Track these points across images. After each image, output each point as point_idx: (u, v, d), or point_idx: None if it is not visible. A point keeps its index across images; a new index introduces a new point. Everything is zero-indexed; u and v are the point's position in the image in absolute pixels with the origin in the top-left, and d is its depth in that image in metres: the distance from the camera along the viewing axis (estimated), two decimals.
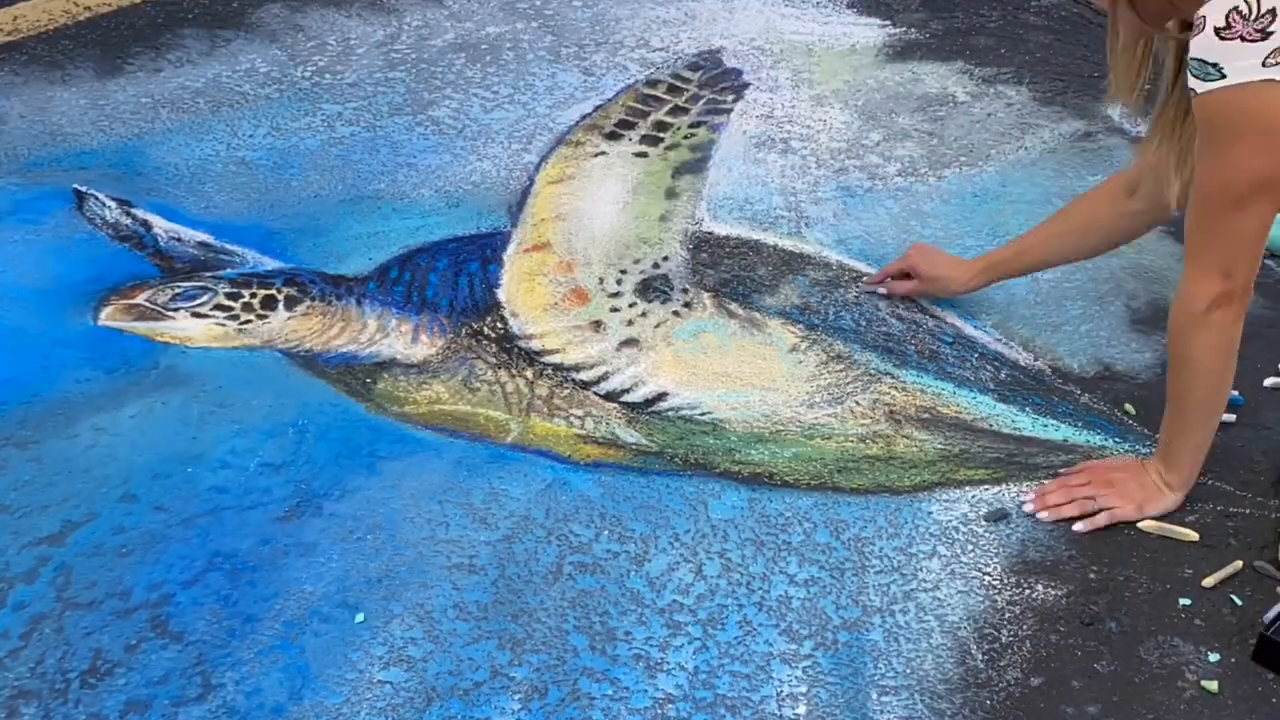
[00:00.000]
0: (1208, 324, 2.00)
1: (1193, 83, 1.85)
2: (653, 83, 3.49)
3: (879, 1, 3.90)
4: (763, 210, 2.98)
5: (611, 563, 2.11)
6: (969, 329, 2.60)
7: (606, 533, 2.16)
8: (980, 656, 1.95)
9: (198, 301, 2.65)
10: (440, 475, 2.27)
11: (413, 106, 3.39)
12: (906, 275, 2.68)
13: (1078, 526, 2.15)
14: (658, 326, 2.62)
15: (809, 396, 2.45)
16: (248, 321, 2.62)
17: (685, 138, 3.25)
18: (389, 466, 2.29)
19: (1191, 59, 1.83)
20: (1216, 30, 1.80)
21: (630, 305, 2.67)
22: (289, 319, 2.63)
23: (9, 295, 2.68)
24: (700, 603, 2.03)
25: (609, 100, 3.41)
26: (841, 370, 2.51)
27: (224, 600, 2.03)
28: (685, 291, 2.71)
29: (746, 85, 3.50)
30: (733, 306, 2.66)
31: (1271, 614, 1.96)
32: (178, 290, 2.68)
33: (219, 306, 2.65)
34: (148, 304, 2.64)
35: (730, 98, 3.44)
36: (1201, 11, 1.81)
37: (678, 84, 3.49)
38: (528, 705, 1.88)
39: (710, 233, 2.90)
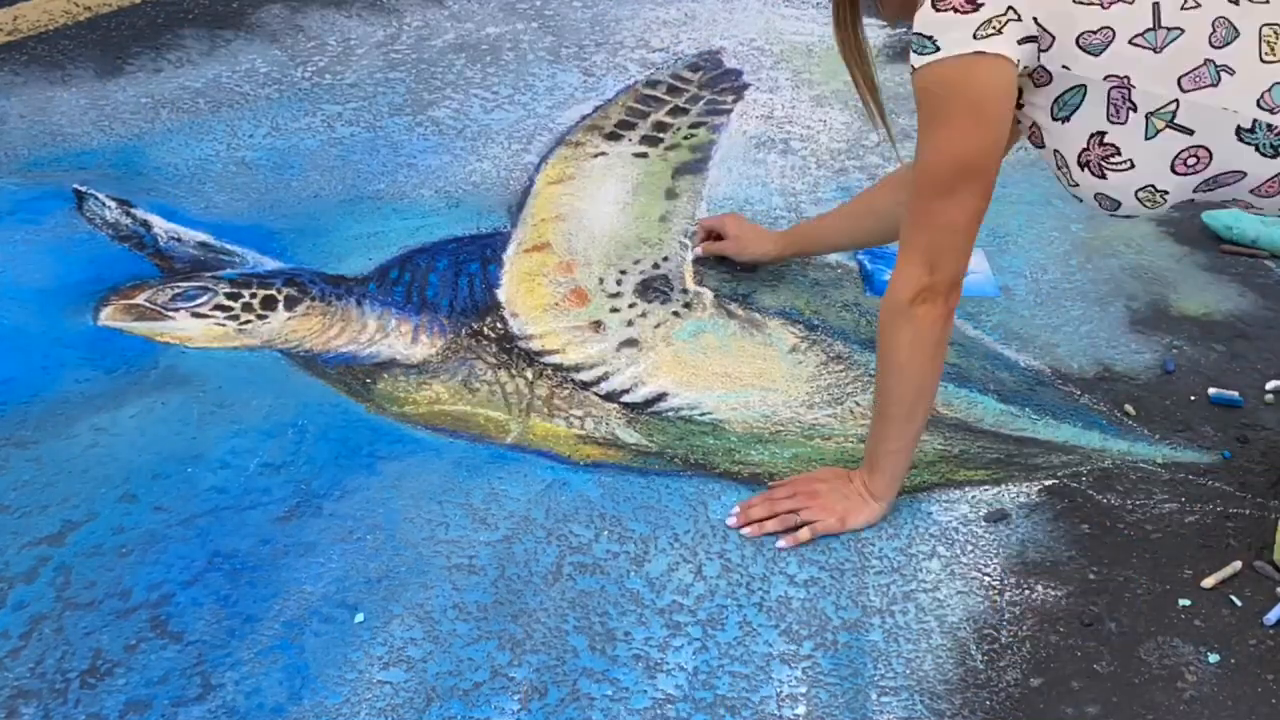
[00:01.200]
0: (910, 317, 1.97)
1: (912, 58, 1.85)
2: (653, 83, 3.50)
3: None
4: (763, 210, 2.98)
5: (611, 563, 2.11)
6: (969, 329, 2.60)
7: (606, 533, 2.16)
8: (980, 657, 1.95)
9: (198, 302, 2.65)
10: (440, 475, 2.27)
11: (413, 107, 3.39)
12: (719, 237, 2.75)
13: (780, 543, 2.11)
14: (657, 327, 2.62)
15: (809, 397, 2.45)
16: (248, 322, 2.62)
17: (685, 138, 3.25)
18: (389, 467, 2.29)
19: (912, 34, 1.83)
20: (933, 3, 1.80)
21: (630, 305, 2.67)
22: (289, 319, 2.63)
23: (9, 295, 2.68)
24: (700, 603, 2.03)
25: (609, 101, 3.42)
26: (841, 370, 2.51)
27: (224, 600, 2.03)
28: (685, 292, 2.71)
29: (746, 86, 3.50)
30: (733, 306, 2.67)
31: (1272, 615, 1.97)
32: (178, 290, 2.68)
33: (219, 307, 2.65)
34: (148, 304, 2.64)
35: (730, 98, 3.44)
36: None
37: (678, 84, 3.49)
38: (527, 705, 1.88)
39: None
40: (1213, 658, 1.94)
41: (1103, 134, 1.90)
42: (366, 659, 1.94)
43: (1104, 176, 1.94)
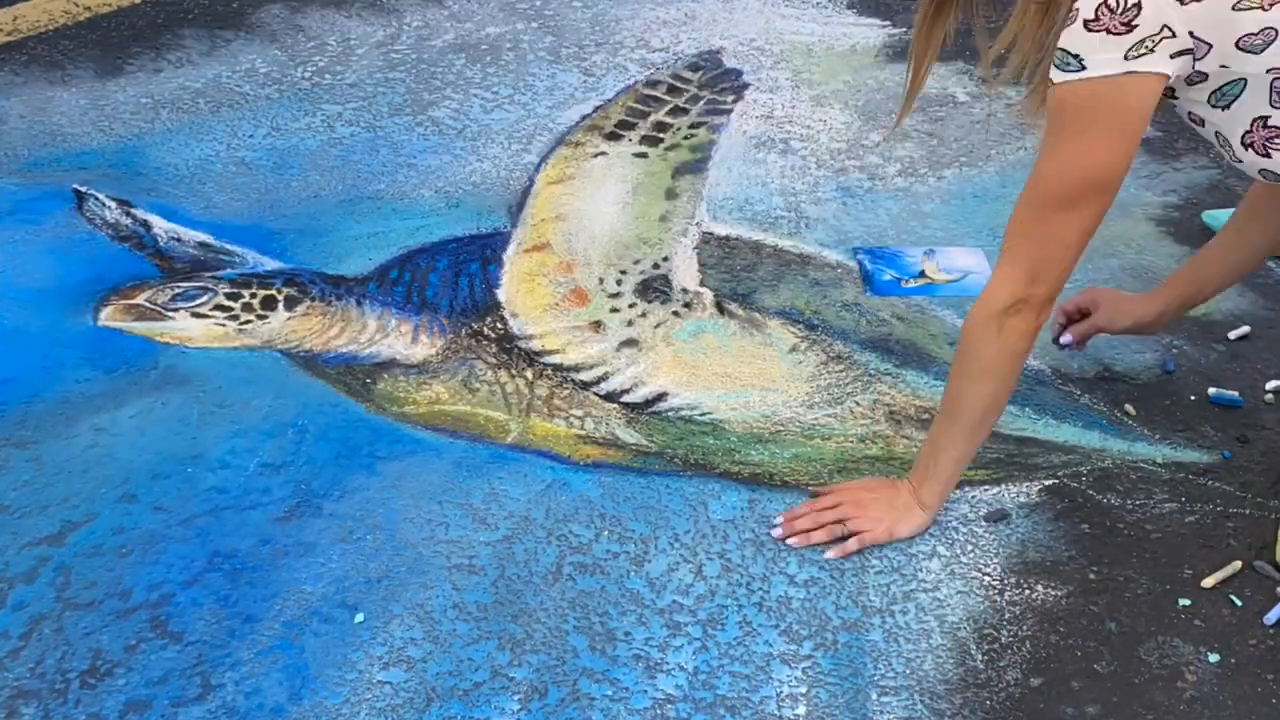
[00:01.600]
0: (1001, 326, 1.94)
1: (1053, 73, 1.82)
2: (653, 83, 3.49)
3: (879, 2, 3.90)
4: (763, 211, 2.98)
5: (611, 563, 2.10)
6: None
7: (606, 533, 2.16)
8: (980, 657, 1.95)
9: (198, 302, 2.65)
10: (440, 476, 2.27)
11: (413, 107, 3.39)
12: (1084, 314, 2.48)
13: (828, 554, 2.10)
14: (657, 327, 2.62)
15: (809, 397, 2.45)
16: (248, 322, 2.62)
17: (685, 138, 3.25)
18: (389, 467, 2.29)
19: (1058, 49, 1.81)
20: (1085, 23, 1.77)
21: (630, 305, 2.67)
22: (289, 319, 2.63)
23: (9, 295, 2.68)
24: (700, 603, 2.03)
25: (609, 101, 3.41)
26: (841, 370, 2.51)
27: (224, 600, 2.03)
28: (685, 292, 2.71)
29: (746, 86, 3.50)
30: (733, 307, 2.66)
31: (1272, 615, 1.97)
32: (178, 290, 2.68)
33: (219, 307, 2.65)
34: (148, 304, 2.64)
35: (730, 98, 3.44)
36: (1077, 3, 1.78)
37: (678, 84, 3.49)
38: (527, 705, 1.88)
39: (710, 233, 2.90)
40: (1213, 658, 1.94)
41: (1266, 118, 1.86)
42: (366, 659, 1.94)
43: (1269, 155, 1.90)
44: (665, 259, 2.81)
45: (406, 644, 1.96)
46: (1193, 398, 2.41)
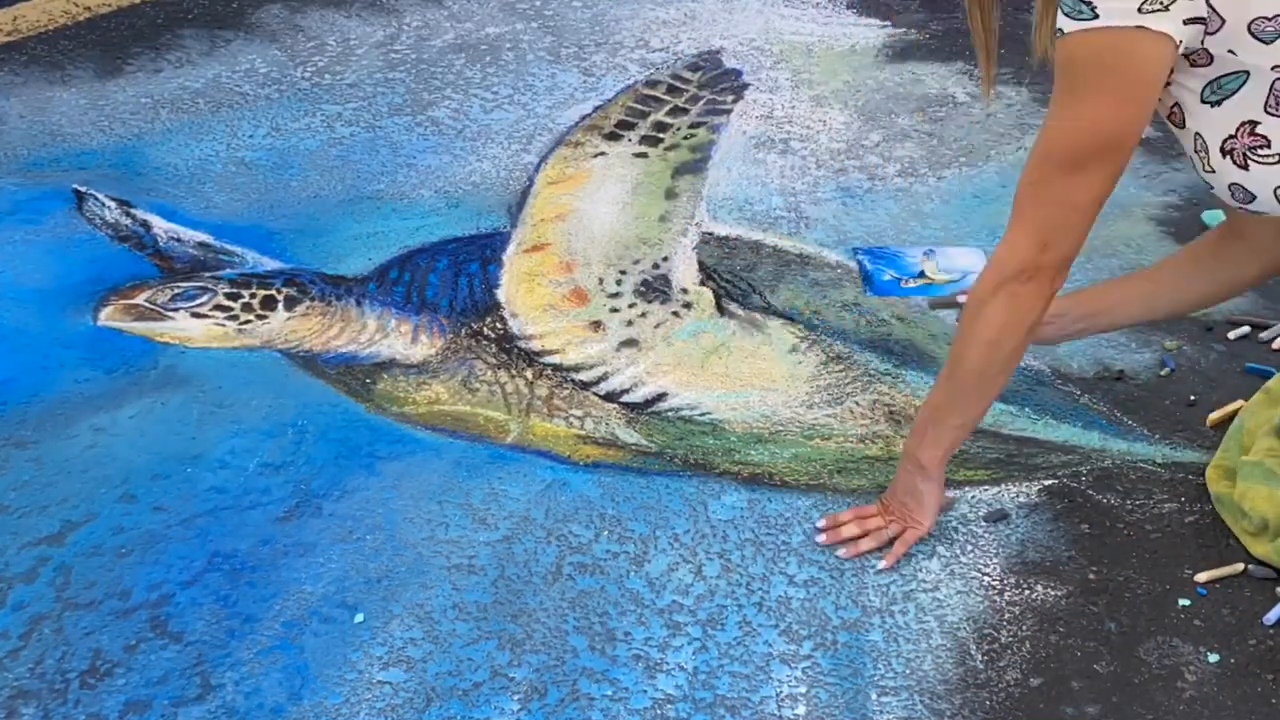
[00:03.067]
0: (1012, 293, 1.89)
1: (1061, 21, 1.75)
2: (652, 83, 3.49)
3: (879, 2, 3.90)
4: (762, 211, 2.98)
5: (611, 563, 2.10)
6: None
7: (606, 533, 2.16)
8: (980, 657, 1.95)
9: (197, 302, 2.65)
10: (440, 476, 2.27)
11: (412, 107, 3.39)
12: None
13: (880, 565, 2.08)
14: (657, 327, 2.62)
15: (808, 397, 2.45)
16: (247, 322, 2.62)
17: (685, 138, 3.25)
18: (388, 467, 2.29)
19: None
20: None
21: (630, 306, 2.67)
22: (288, 319, 2.63)
23: (9, 295, 2.68)
24: (700, 603, 2.03)
25: (609, 101, 3.41)
26: (841, 370, 2.51)
27: (223, 600, 2.03)
28: (685, 292, 2.71)
29: (746, 86, 3.50)
30: (733, 307, 2.66)
31: (1272, 615, 1.96)
32: (177, 290, 2.68)
33: (218, 307, 2.65)
34: (147, 304, 2.64)
35: (730, 98, 3.44)
36: None
37: (677, 84, 3.49)
38: (527, 705, 1.87)
39: (710, 233, 2.90)
40: (1213, 658, 1.93)
41: (1255, 123, 1.80)
42: (366, 659, 1.94)
43: (1246, 167, 1.83)
44: (665, 259, 2.81)
45: (406, 644, 1.96)
46: (1193, 398, 2.41)
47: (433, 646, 1.96)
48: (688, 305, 2.67)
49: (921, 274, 2.74)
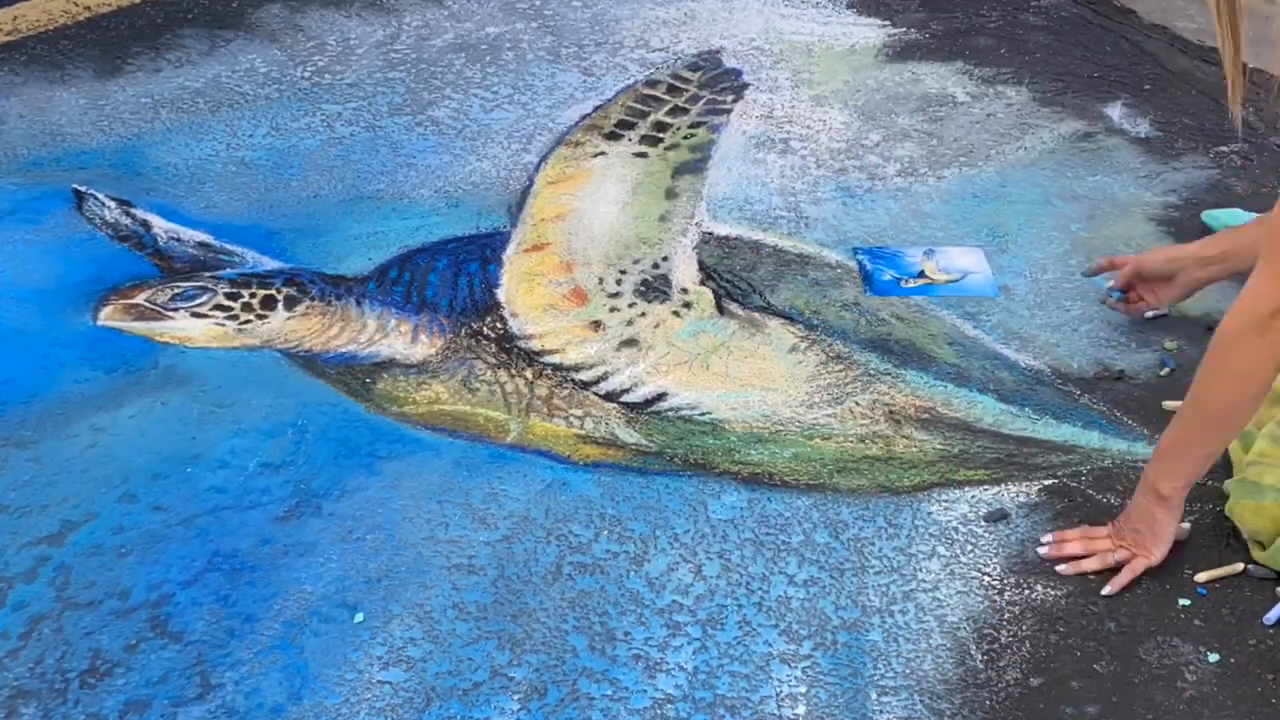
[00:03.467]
0: (1267, 329, 1.84)
1: None
2: (652, 83, 3.49)
3: (879, 2, 3.90)
4: (762, 210, 2.98)
5: (611, 563, 2.10)
6: (969, 329, 2.60)
7: (606, 533, 2.16)
8: (979, 657, 1.94)
9: (197, 301, 2.65)
10: (440, 475, 2.27)
11: (412, 107, 3.39)
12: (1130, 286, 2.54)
13: (1105, 590, 2.03)
14: (657, 327, 2.61)
15: (808, 397, 2.45)
16: (247, 321, 2.61)
17: (685, 138, 3.25)
18: (388, 466, 2.29)
19: None
20: None
21: (630, 305, 2.67)
22: (288, 319, 2.62)
23: (8, 295, 2.68)
24: (700, 603, 2.03)
25: (608, 100, 3.41)
26: (841, 370, 2.50)
27: (223, 600, 2.03)
28: (685, 291, 2.70)
29: (746, 85, 3.49)
30: (733, 306, 2.66)
31: (1272, 615, 1.96)
32: (177, 290, 2.68)
33: (218, 306, 2.64)
34: (147, 304, 2.64)
35: (730, 98, 3.43)
36: None
37: (677, 84, 3.48)
38: (527, 705, 1.87)
39: (710, 233, 2.90)
40: (1213, 657, 1.94)
41: None
42: (366, 659, 1.94)
43: None
44: (665, 259, 2.81)
45: (406, 644, 1.96)
46: None
47: (432, 646, 1.96)
48: (688, 305, 2.67)
49: (921, 273, 2.73)
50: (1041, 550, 2.10)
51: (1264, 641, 1.96)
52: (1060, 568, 2.08)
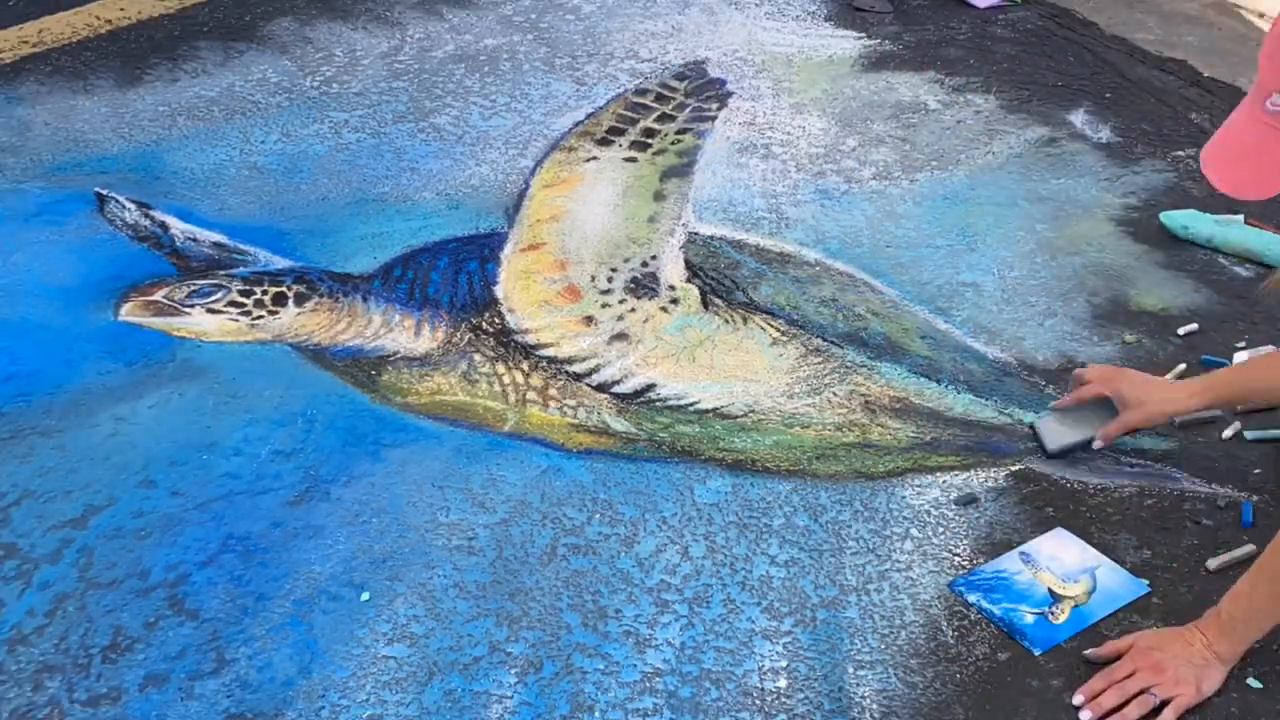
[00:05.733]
0: None
1: None
2: (641, 91, 3.49)
3: (855, 15, 3.89)
4: (745, 212, 2.97)
5: (603, 545, 2.10)
6: (940, 324, 2.60)
7: (598, 516, 2.15)
8: (950, 633, 1.94)
9: (212, 298, 2.64)
10: (441, 462, 2.26)
11: (415, 114, 3.38)
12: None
13: None
14: (646, 321, 2.61)
15: (789, 388, 2.44)
16: (260, 317, 2.61)
17: (672, 144, 3.25)
18: (393, 454, 2.28)
19: None
20: None
21: (620, 302, 2.66)
22: (298, 315, 2.62)
23: (34, 292, 2.67)
24: (686, 582, 2.03)
25: (600, 108, 3.41)
26: (819, 363, 2.50)
27: (237, 580, 2.03)
28: (672, 288, 2.70)
29: (730, 94, 3.49)
30: (717, 302, 2.66)
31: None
32: (194, 287, 2.67)
33: (232, 303, 2.64)
34: (165, 301, 2.64)
35: (715, 106, 3.43)
36: None
37: (665, 93, 3.48)
38: (524, 679, 1.87)
39: (696, 233, 2.89)
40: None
41: None
42: (372, 635, 1.94)
43: None
44: (654, 257, 2.80)
45: (410, 621, 1.96)
46: None
47: (435, 623, 1.96)
48: (675, 301, 2.66)
49: (1051, 592, 2.03)
50: (1084, 716, 1.83)
51: (1197, 586, 1.96)
52: None
